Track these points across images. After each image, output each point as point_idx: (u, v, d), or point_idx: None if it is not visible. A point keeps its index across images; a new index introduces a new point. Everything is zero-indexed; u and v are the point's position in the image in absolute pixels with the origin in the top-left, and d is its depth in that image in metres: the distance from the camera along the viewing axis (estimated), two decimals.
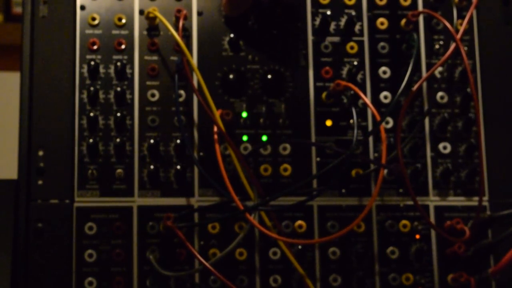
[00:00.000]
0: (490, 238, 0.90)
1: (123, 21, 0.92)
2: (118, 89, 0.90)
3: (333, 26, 0.94)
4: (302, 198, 0.87)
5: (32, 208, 0.87)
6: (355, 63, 0.93)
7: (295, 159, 0.91)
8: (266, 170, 0.90)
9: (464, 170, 0.92)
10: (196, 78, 0.90)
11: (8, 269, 0.85)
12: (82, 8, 0.91)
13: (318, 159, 0.91)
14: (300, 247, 0.88)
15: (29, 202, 0.87)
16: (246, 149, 0.91)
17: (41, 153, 0.88)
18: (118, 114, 0.89)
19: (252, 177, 0.88)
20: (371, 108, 0.90)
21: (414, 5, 0.95)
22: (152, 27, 0.92)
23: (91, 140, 0.88)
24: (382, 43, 0.94)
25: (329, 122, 0.92)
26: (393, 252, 0.90)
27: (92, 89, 0.89)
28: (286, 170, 0.91)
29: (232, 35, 0.92)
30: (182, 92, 0.91)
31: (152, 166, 0.89)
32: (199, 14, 0.93)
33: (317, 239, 0.90)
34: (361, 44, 0.94)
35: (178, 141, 0.89)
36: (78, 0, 0.92)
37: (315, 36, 0.94)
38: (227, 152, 0.89)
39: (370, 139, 0.92)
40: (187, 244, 0.86)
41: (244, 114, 0.91)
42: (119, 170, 0.89)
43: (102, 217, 0.88)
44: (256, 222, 0.86)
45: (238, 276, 0.88)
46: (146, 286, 0.87)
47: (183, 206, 0.89)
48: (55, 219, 0.87)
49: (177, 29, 0.90)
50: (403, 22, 0.94)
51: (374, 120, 0.92)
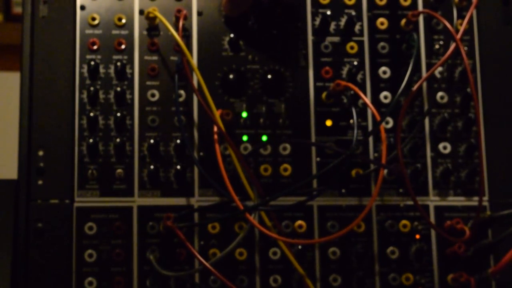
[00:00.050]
0: (490, 238, 0.91)
1: (123, 21, 0.92)
2: (118, 89, 0.90)
3: (333, 26, 0.94)
4: (302, 198, 0.87)
5: (32, 208, 0.87)
6: (355, 63, 0.93)
7: (295, 159, 0.91)
8: (266, 170, 0.90)
9: (464, 170, 0.92)
10: (196, 78, 0.90)
11: (8, 269, 0.85)
12: (82, 8, 0.91)
13: (318, 159, 0.91)
14: (300, 247, 0.88)
15: (29, 202, 0.87)
16: (246, 149, 0.91)
17: (41, 153, 0.88)
18: (118, 114, 0.89)
19: (252, 177, 0.88)
20: (371, 108, 0.90)
21: (414, 5, 0.95)
22: (152, 27, 0.92)
23: (91, 140, 0.88)
24: (382, 43, 0.94)
25: (329, 122, 0.92)
26: (393, 252, 0.90)
27: (92, 89, 0.89)
28: (286, 170, 0.91)
29: (232, 35, 0.92)
30: (182, 92, 0.91)
31: (152, 166, 0.89)
32: (199, 14, 0.93)
33: (317, 239, 0.90)
34: (361, 44, 0.94)
35: (178, 141, 0.89)
36: (78, 0, 0.92)
37: (315, 36, 0.94)
38: (227, 152, 0.89)
39: (370, 139, 0.92)
40: (187, 244, 0.85)
41: (244, 114, 0.91)
42: (119, 170, 0.89)
43: (102, 217, 0.88)
44: (256, 222, 0.86)
45: (238, 276, 0.88)
46: (146, 286, 0.87)
47: (183, 206, 0.89)
48: (55, 219, 0.87)
49: (177, 29, 0.90)
50: (403, 22, 0.94)
51: (374, 120, 0.92)
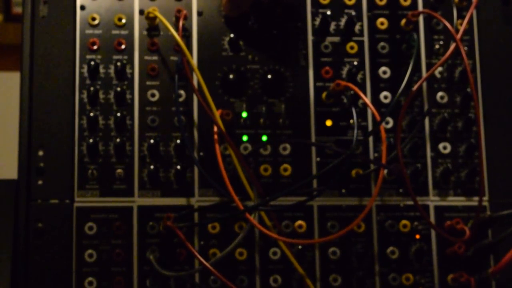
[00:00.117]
0: (490, 238, 0.91)
1: (123, 21, 0.92)
2: (118, 89, 0.90)
3: (333, 26, 0.94)
4: (302, 198, 0.87)
5: (32, 208, 0.87)
6: (355, 63, 0.93)
7: (295, 159, 0.91)
8: (266, 170, 0.90)
9: (464, 170, 0.92)
10: (196, 78, 0.90)
11: (8, 269, 0.85)
12: (82, 8, 0.91)
13: (318, 159, 0.91)
14: (300, 247, 0.88)
15: (29, 202, 0.87)
16: (246, 149, 0.91)
17: (41, 153, 0.88)
18: (118, 114, 0.89)
19: (252, 177, 0.88)
20: (371, 108, 0.90)
21: (414, 5, 0.95)
22: (152, 27, 0.92)
23: (91, 140, 0.88)
24: (382, 43, 0.94)
25: (329, 122, 0.92)
26: (393, 252, 0.90)
27: (92, 89, 0.89)
28: (286, 170, 0.91)
29: (232, 35, 0.92)
30: (182, 92, 0.91)
31: (152, 166, 0.89)
32: (199, 14, 0.93)
33: (317, 239, 0.90)
34: (361, 44, 0.94)
35: (178, 141, 0.89)
36: (78, 0, 0.92)
37: (315, 36, 0.94)
38: (227, 152, 0.89)
39: (370, 139, 0.92)
40: (187, 244, 0.85)
41: (244, 114, 0.91)
42: (119, 170, 0.89)
43: (102, 217, 0.88)
44: (256, 222, 0.86)
45: (238, 276, 0.88)
46: (146, 286, 0.87)
47: (183, 206, 0.89)
48: (55, 219, 0.87)
49: (177, 29, 0.90)
50: (403, 22, 0.94)
51: (374, 120, 0.92)
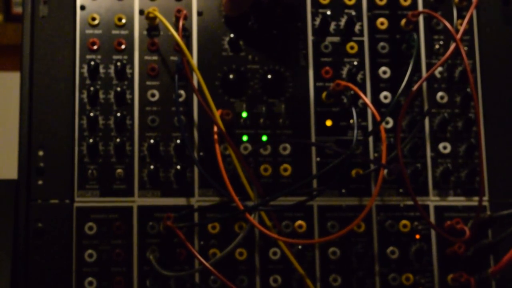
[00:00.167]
0: (490, 238, 0.90)
1: (123, 21, 0.92)
2: (118, 89, 0.90)
3: (333, 26, 0.94)
4: (302, 198, 0.87)
5: (32, 208, 0.87)
6: (355, 63, 0.93)
7: (295, 159, 0.91)
8: (266, 170, 0.90)
9: (464, 170, 0.92)
10: (196, 78, 0.90)
11: (8, 269, 0.85)
12: (82, 8, 0.91)
13: (318, 159, 0.91)
14: (300, 247, 0.88)
15: (29, 202, 0.87)
16: (246, 149, 0.90)
17: (41, 153, 0.88)
18: (118, 114, 0.89)
19: (252, 177, 0.88)
20: (371, 108, 0.90)
21: (414, 5, 0.95)
22: (152, 27, 0.92)
23: (91, 140, 0.88)
24: (382, 43, 0.94)
25: (329, 122, 0.92)
26: (393, 252, 0.90)
27: (92, 89, 0.89)
28: (286, 170, 0.91)
29: (232, 35, 0.92)
30: (182, 92, 0.91)
31: (152, 166, 0.89)
32: (199, 14, 0.93)
33: (317, 239, 0.90)
34: (361, 44, 0.94)
35: (178, 141, 0.89)
36: (78, 0, 0.92)
37: (315, 36, 0.94)
38: (227, 152, 0.89)
39: (370, 139, 0.92)
40: (187, 244, 0.85)
41: (244, 114, 0.91)
42: (119, 170, 0.89)
43: (102, 217, 0.88)
44: (256, 222, 0.86)
45: (238, 276, 0.88)
46: (146, 286, 0.87)
47: (183, 206, 0.89)
48: (55, 219, 0.87)
49: (177, 29, 0.90)
50: (403, 22, 0.94)
51: (374, 120, 0.92)
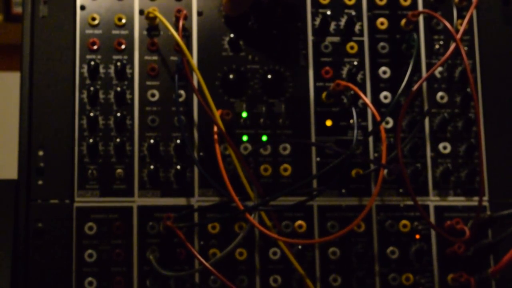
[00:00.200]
0: (490, 238, 0.90)
1: (123, 21, 0.92)
2: (118, 89, 0.90)
3: (333, 26, 0.94)
4: (302, 198, 0.87)
5: (32, 208, 0.87)
6: (355, 63, 0.93)
7: (295, 159, 0.91)
8: (266, 170, 0.90)
9: (464, 170, 0.92)
10: (196, 78, 0.90)
11: (8, 269, 0.85)
12: (82, 8, 0.91)
13: (318, 159, 0.91)
14: (300, 247, 0.88)
15: (29, 202, 0.87)
16: (246, 149, 0.90)
17: (41, 153, 0.88)
18: (118, 114, 0.89)
19: (252, 177, 0.88)
20: (371, 108, 0.90)
21: (414, 5, 0.95)
22: (152, 27, 0.92)
23: (91, 140, 0.88)
24: (382, 43, 0.94)
25: (329, 122, 0.92)
26: (393, 252, 0.90)
27: (92, 89, 0.89)
28: (286, 170, 0.91)
29: (232, 35, 0.92)
30: (182, 92, 0.91)
31: (152, 166, 0.89)
32: (199, 14, 0.93)
33: (317, 239, 0.90)
34: (361, 44, 0.94)
35: (178, 141, 0.89)
36: (78, 0, 0.92)
37: (315, 36, 0.94)
38: (227, 152, 0.89)
39: (370, 139, 0.92)
40: (187, 244, 0.85)
41: (244, 114, 0.91)
42: (119, 170, 0.89)
43: (102, 217, 0.88)
44: (256, 222, 0.86)
45: (238, 276, 0.88)
46: (146, 286, 0.87)
47: (183, 206, 0.89)
48: (55, 219, 0.87)
49: (177, 29, 0.90)
50: (403, 22, 0.94)
51: (374, 120, 0.92)
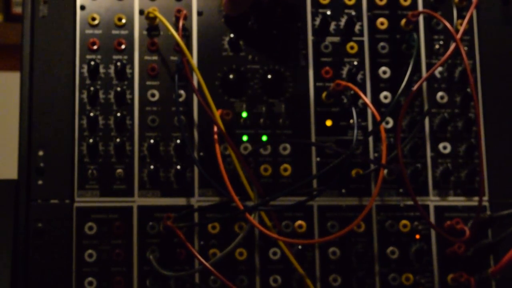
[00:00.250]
0: (490, 238, 0.90)
1: (123, 21, 0.92)
2: (118, 89, 0.90)
3: (333, 26, 0.94)
4: (302, 198, 0.87)
5: (32, 208, 0.87)
6: (355, 63, 0.93)
7: (295, 159, 0.91)
8: (266, 170, 0.90)
9: (464, 170, 0.92)
10: (196, 78, 0.90)
11: (8, 269, 0.85)
12: (82, 8, 0.91)
13: (318, 159, 0.91)
14: (300, 247, 0.88)
15: (29, 202, 0.87)
16: (246, 149, 0.90)
17: (41, 153, 0.88)
18: (118, 114, 0.89)
19: (252, 177, 0.88)
20: (371, 108, 0.90)
21: (414, 5, 0.95)
22: (152, 27, 0.92)
23: (91, 140, 0.88)
24: (382, 43, 0.94)
25: (329, 122, 0.92)
26: (393, 252, 0.90)
27: (92, 89, 0.89)
28: (286, 170, 0.91)
29: (232, 35, 0.92)
30: (182, 92, 0.91)
31: (152, 166, 0.89)
32: (199, 14, 0.93)
33: (317, 239, 0.90)
34: (361, 44, 0.94)
35: (178, 141, 0.89)
36: (78, 0, 0.92)
37: (315, 36, 0.94)
38: (227, 152, 0.89)
39: (370, 139, 0.92)
40: (187, 244, 0.85)
41: (244, 114, 0.91)
42: (119, 170, 0.89)
43: (102, 217, 0.88)
44: (256, 222, 0.86)
45: (238, 276, 0.88)
46: (146, 286, 0.87)
47: (183, 206, 0.89)
48: (55, 219, 0.87)
49: (177, 29, 0.90)
50: (403, 22, 0.94)
51: (374, 120, 0.92)
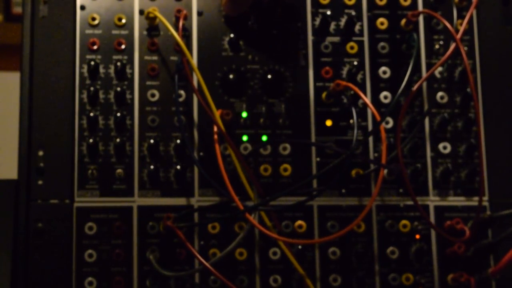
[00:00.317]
0: (490, 238, 0.90)
1: (123, 21, 0.92)
2: (118, 89, 0.90)
3: (333, 26, 0.94)
4: (302, 198, 0.87)
5: (32, 208, 0.87)
6: (355, 63, 0.93)
7: (295, 159, 0.91)
8: (266, 170, 0.90)
9: (464, 170, 0.92)
10: (196, 78, 0.90)
11: (8, 269, 0.85)
12: (82, 8, 0.91)
13: (318, 159, 0.91)
14: (300, 247, 0.88)
15: (29, 202, 0.87)
16: (246, 149, 0.91)
17: (41, 153, 0.88)
18: (118, 114, 0.89)
19: (252, 177, 0.88)
20: (371, 108, 0.90)
21: (414, 5, 0.95)
22: (152, 27, 0.92)
23: (91, 140, 0.88)
24: (382, 43, 0.94)
25: (329, 122, 0.92)
26: (393, 252, 0.90)
27: (92, 89, 0.89)
28: (286, 170, 0.91)
29: (232, 35, 0.92)
30: (182, 92, 0.91)
31: (152, 166, 0.89)
32: (199, 14, 0.93)
33: (317, 239, 0.90)
34: (361, 44, 0.94)
35: (178, 141, 0.89)
36: (78, 0, 0.92)
37: (315, 36, 0.94)
38: (227, 152, 0.89)
39: (370, 139, 0.92)
40: (187, 244, 0.85)
41: (244, 114, 0.91)
42: (119, 170, 0.89)
43: (102, 217, 0.88)
44: (256, 222, 0.86)
45: (238, 276, 0.88)
46: (146, 286, 0.87)
47: (183, 206, 0.89)
48: (55, 219, 0.87)
49: (177, 29, 0.90)
50: (403, 22, 0.94)
51: (374, 120, 0.92)
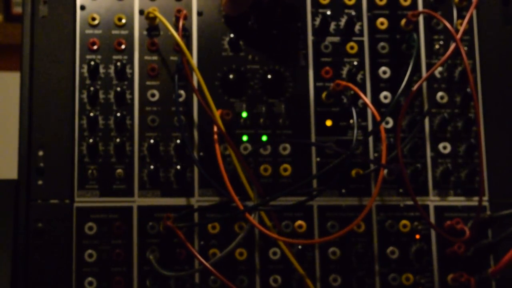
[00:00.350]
0: (490, 238, 0.90)
1: (123, 21, 0.92)
2: (118, 89, 0.90)
3: (333, 26, 0.94)
4: (302, 198, 0.87)
5: (32, 208, 0.87)
6: (355, 63, 0.93)
7: (295, 159, 0.91)
8: (266, 170, 0.90)
9: (464, 170, 0.92)
10: (196, 78, 0.90)
11: (8, 269, 0.85)
12: (82, 8, 0.91)
13: (318, 159, 0.91)
14: (300, 247, 0.88)
15: (29, 202, 0.87)
16: (246, 149, 0.91)
17: (41, 153, 0.88)
18: (118, 114, 0.89)
19: (252, 177, 0.88)
20: (371, 108, 0.90)
21: (414, 5, 0.95)
22: (152, 27, 0.92)
23: (91, 140, 0.88)
24: (382, 43, 0.94)
25: (329, 122, 0.92)
26: (393, 252, 0.90)
27: (92, 89, 0.89)
28: (286, 170, 0.91)
29: (232, 35, 0.92)
30: (182, 92, 0.91)
31: (152, 166, 0.89)
32: (199, 14, 0.93)
33: (317, 239, 0.90)
34: (361, 44, 0.94)
35: (178, 141, 0.89)
36: (78, 0, 0.92)
37: (315, 36, 0.94)
38: (227, 152, 0.89)
39: (370, 139, 0.92)
40: (187, 244, 0.86)
41: (244, 114, 0.91)
42: (119, 170, 0.89)
43: (102, 217, 0.88)
44: (256, 222, 0.86)
45: (238, 276, 0.88)
46: (146, 286, 0.87)
47: (183, 206, 0.89)
48: (55, 219, 0.87)
49: (177, 29, 0.90)
50: (403, 22, 0.94)
51: (374, 120, 0.92)
